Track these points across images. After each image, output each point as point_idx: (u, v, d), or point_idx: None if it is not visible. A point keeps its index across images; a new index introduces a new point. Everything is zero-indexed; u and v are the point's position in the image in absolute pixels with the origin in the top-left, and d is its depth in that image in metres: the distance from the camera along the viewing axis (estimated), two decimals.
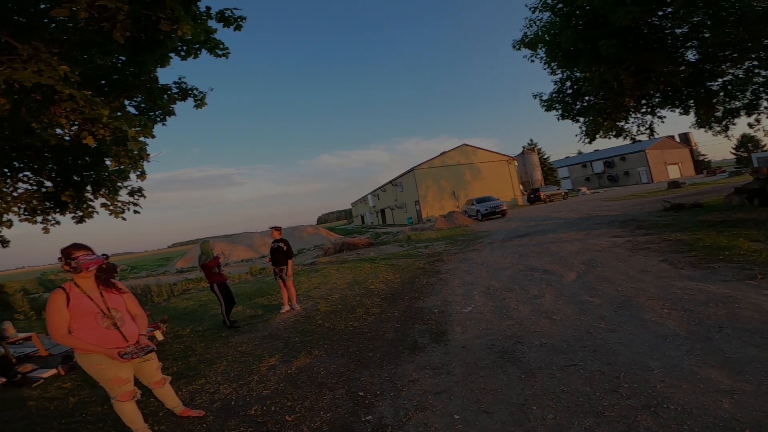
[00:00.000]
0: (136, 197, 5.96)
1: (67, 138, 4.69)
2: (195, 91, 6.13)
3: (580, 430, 2.40)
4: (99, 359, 2.81)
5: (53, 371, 5.27)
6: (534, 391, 2.92)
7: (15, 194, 5.22)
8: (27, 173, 5.53)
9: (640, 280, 5.25)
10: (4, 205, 4.84)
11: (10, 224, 5.06)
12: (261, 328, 6.00)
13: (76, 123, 4.10)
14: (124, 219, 5.84)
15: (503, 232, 14.26)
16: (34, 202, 5.18)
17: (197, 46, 5.30)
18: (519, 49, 11.63)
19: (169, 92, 5.63)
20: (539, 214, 19.41)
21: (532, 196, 32.85)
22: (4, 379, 5.08)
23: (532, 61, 11.86)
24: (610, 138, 12.50)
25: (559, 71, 11.80)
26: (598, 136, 12.16)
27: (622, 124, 12.21)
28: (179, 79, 5.98)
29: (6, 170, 5.21)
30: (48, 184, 5.43)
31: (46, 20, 4.11)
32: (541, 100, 12.64)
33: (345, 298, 7.26)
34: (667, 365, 2.97)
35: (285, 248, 6.79)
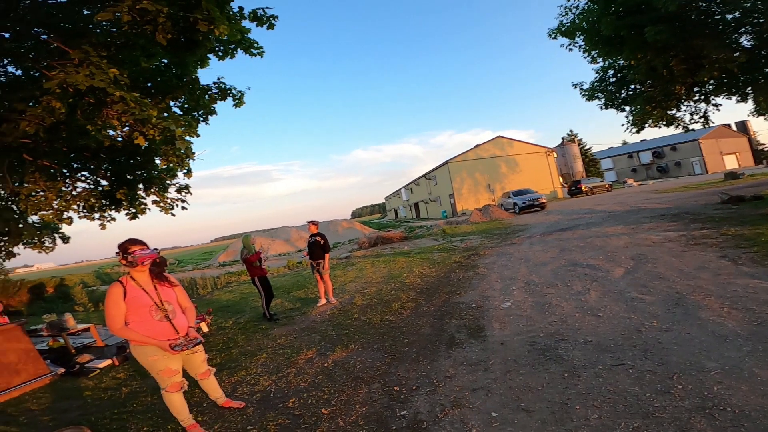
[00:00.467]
0: (183, 194, 6.24)
1: (119, 139, 5.00)
2: (233, 91, 6.32)
3: (626, 431, 2.28)
4: (152, 351, 2.89)
5: (108, 362, 5.49)
6: (577, 390, 2.80)
7: (74, 193, 5.64)
8: (84, 173, 5.96)
9: (696, 276, 4.89)
10: (64, 204, 5.24)
11: (70, 221, 5.48)
12: (299, 321, 6.12)
13: (127, 124, 4.34)
14: (173, 215, 6.16)
15: (543, 226, 13.76)
16: (92, 200, 5.57)
17: (233, 46, 5.44)
18: (555, 38, 11.18)
19: (209, 92, 5.84)
20: (581, 207, 18.56)
21: (573, 188, 31.44)
22: (63, 369, 5.28)
23: (570, 50, 11.37)
24: (660, 127, 11.73)
25: (600, 59, 11.22)
26: (646, 125, 11.43)
27: (674, 112, 11.39)
28: (218, 79, 6.19)
29: (65, 171, 5.65)
30: (104, 183, 5.82)
31: (91, 26, 4.35)
32: (581, 89, 12.10)
33: (380, 292, 7.28)
34: (726, 366, 2.77)
35: (322, 242, 6.87)
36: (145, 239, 3.01)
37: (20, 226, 6.36)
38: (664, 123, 11.48)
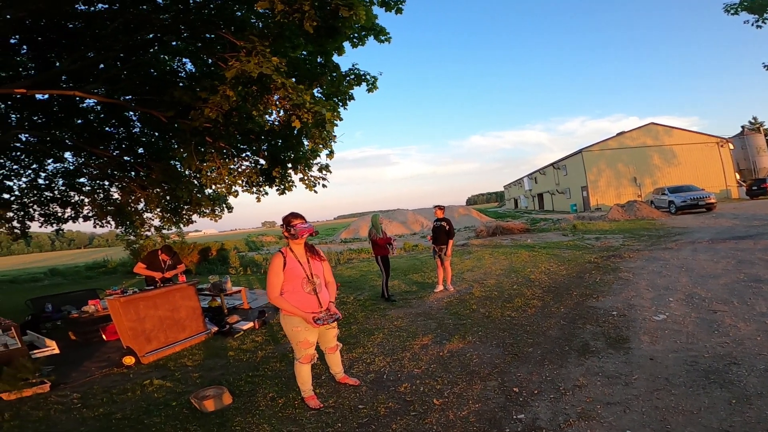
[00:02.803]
0: (323, 173, 6.86)
1: (276, 123, 5.71)
2: (367, 76, 6.61)
3: None
4: (297, 322, 3.02)
5: (251, 324, 5.78)
6: (744, 419, 2.37)
7: (239, 170, 6.71)
8: (248, 153, 7.02)
9: None
10: (232, 179, 6.29)
11: (237, 194, 6.57)
12: (415, 305, 6.17)
13: (283, 109, 4.91)
14: (315, 192, 6.83)
15: (711, 231, 11.30)
16: (253, 176, 6.55)
17: (364, 33, 5.63)
18: (736, 13, 9.31)
19: (347, 78, 6.21)
20: (766, 212, 14.69)
21: (754, 188, 24.95)
22: (216, 328, 5.66)
23: (759, 27, 9.29)
24: None
25: None
26: None
27: None
28: (353, 65, 6.54)
29: (234, 151, 6.75)
30: (262, 162, 6.77)
31: (253, 19, 4.91)
32: None
33: (501, 285, 6.93)
34: None
35: (447, 228, 6.76)
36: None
37: (199, 196, 7.88)
38: None
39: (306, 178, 6.69)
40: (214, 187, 6.54)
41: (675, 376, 3.05)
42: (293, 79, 4.30)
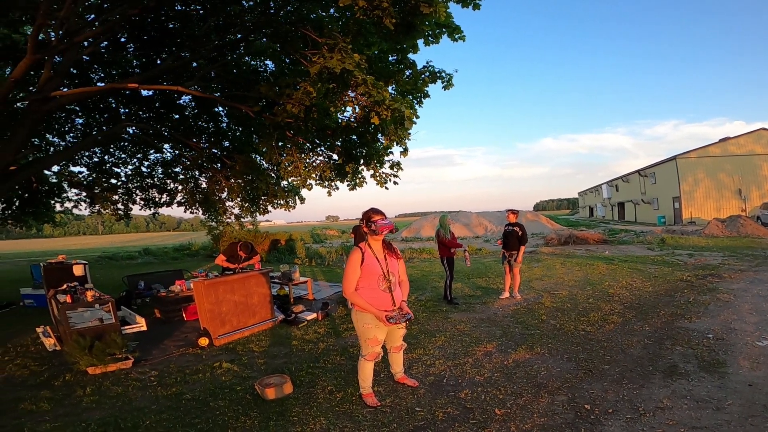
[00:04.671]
0: (395, 170, 6.92)
1: (352, 119, 5.87)
2: (443, 74, 6.51)
3: None
4: (369, 318, 2.99)
5: (314, 315, 5.88)
6: None
7: (314, 164, 7.00)
8: (322, 148, 7.31)
9: None
10: (307, 173, 6.58)
11: (311, 187, 6.87)
12: (479, 310, 5.98)
13: (363, 106, 5.02)
14: (386, 188, 6.91)
15: None
16: (327, 171, 6.80)
17: (439, 31, 5.52)
18: None
19: (422, 76, 6.17)
20: None
21: None
22: (282, 317, 5.77)
23: None
24: None
25: None
26: None
27: None
28: (427, 63, 6.47)
29: (309, 146, 7.06)
30: (335, 157, 7.01)
31: (336, 14, 5.03)
32: None
33: (574, 297, 6.47)
34: None
35: (520, 233, 6.47)
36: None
37: (275, 188, 8.39)
38: None
39: (377, 174, 6.78)
40: (290, 179, 6.90)
41: None
42: (372, 76, 4.37)
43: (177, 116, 8.56)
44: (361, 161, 6.87)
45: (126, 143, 9.33)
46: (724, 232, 15.85)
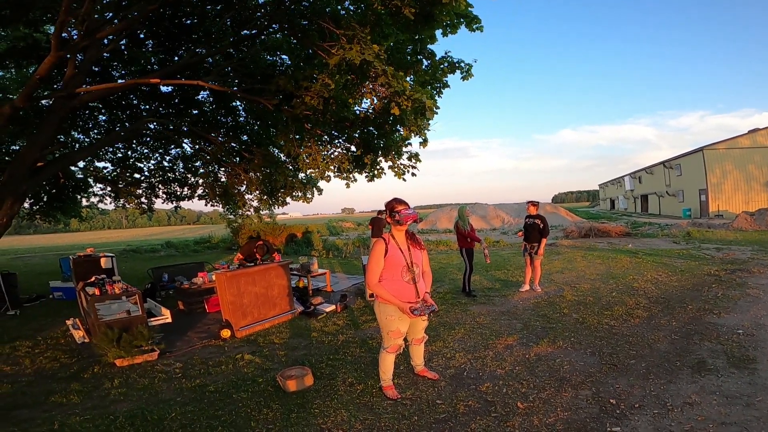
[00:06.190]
0: (413, 161, 6.87)
1: (370, 111, 5.84)
2: (461, 64, 6.39)
3: None
4: (392, 310, 2.95)
5: (333, 307, 5.90)
6: None
7: (332, 156, 7.00)
8: (340, 140, 7.30)
9: None
10: (325, 165, 6.59)
11: (329, 179, 6.88)
12: (498, 303, 5.92)
13: (381, 97, 4.96)
14: (404, 180, 6.88)
15: None
16: (345, 163, 6.80)
17: (457, 21, 5.40)
18: None
19: (441, 66, 6.07)
20: None
21: None
22: (301, 308, 5.80)
23: None
24: None
25: None
26: None
27: None
28: (446, 53, 6.36)
29: (327, 138, 7.06)
30: (353, 149, 6.99)
31: (352, 6, 4.97)
32: None
33: (597, 290, 6.34)
34: None
35: (541, 225, 6.36)
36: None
37: (293, 181, 8.44)
38: None
39: (395, 165, 6.74)
40: (309, 171, 6.90)
41: None
42: (392, 67, 4.31)
43: (196, 111, 8.67)
44: (380, 152, 6.82)
45: (148, 139, 9.52)
46: (752, 226, 15.24)
